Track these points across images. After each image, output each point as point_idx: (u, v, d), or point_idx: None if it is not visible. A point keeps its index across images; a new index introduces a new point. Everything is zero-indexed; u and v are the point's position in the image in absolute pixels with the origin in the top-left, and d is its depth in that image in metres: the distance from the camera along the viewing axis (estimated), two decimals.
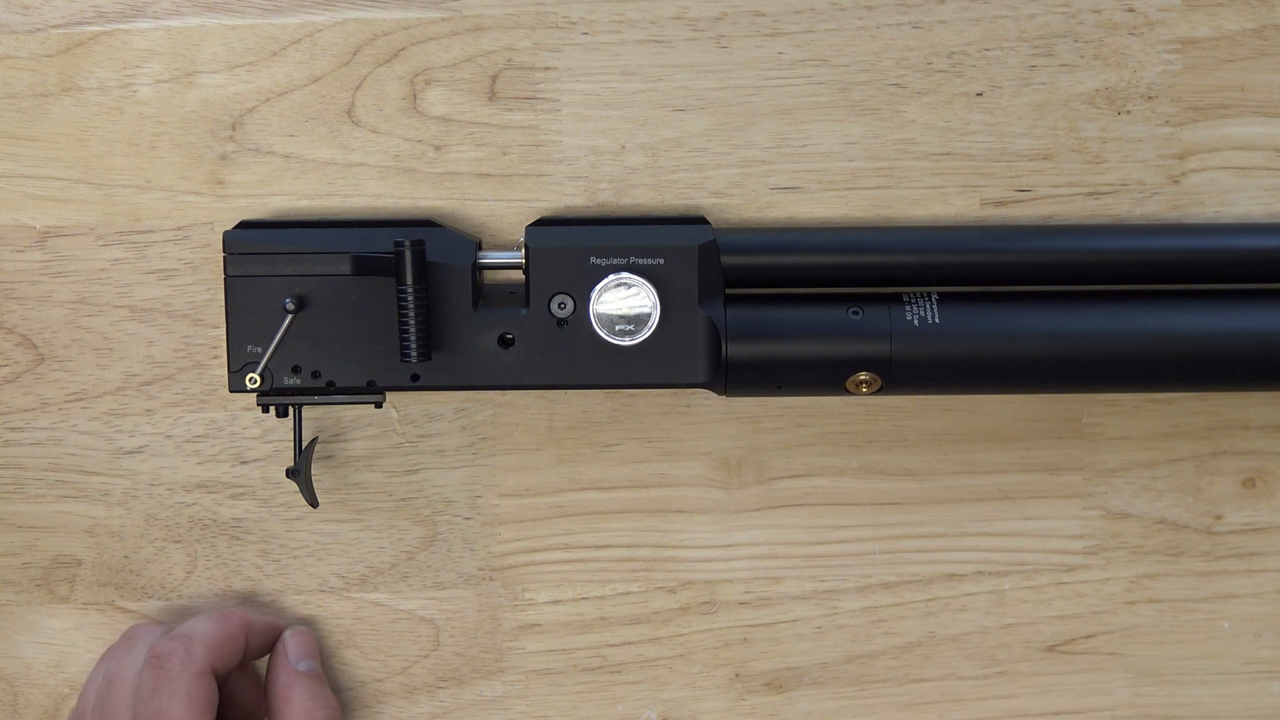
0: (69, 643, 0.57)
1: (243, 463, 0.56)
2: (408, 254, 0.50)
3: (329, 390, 0.53)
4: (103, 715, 0.51)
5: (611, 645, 0.57)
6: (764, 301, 0.53)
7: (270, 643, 0.55)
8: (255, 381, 0.52)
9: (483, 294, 0.53)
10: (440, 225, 0.53)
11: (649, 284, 0.51)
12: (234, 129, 0.55)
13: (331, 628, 0.56)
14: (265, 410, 0.53)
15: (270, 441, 0.56)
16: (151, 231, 0.55)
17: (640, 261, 0.52)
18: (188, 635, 0.52)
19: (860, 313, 0.52)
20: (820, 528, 0.56)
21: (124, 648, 0.54)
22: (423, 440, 0.56)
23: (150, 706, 0.50)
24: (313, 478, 0.55)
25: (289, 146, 0.55)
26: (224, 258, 0.52)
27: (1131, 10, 0.55)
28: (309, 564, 0.56)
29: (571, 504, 0.56)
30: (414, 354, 0.51)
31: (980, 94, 0.55)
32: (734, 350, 0.52)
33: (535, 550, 0.56)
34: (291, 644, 0.55)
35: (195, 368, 0.56)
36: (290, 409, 0.53)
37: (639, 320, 0.51)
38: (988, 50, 0.55)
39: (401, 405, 0.56)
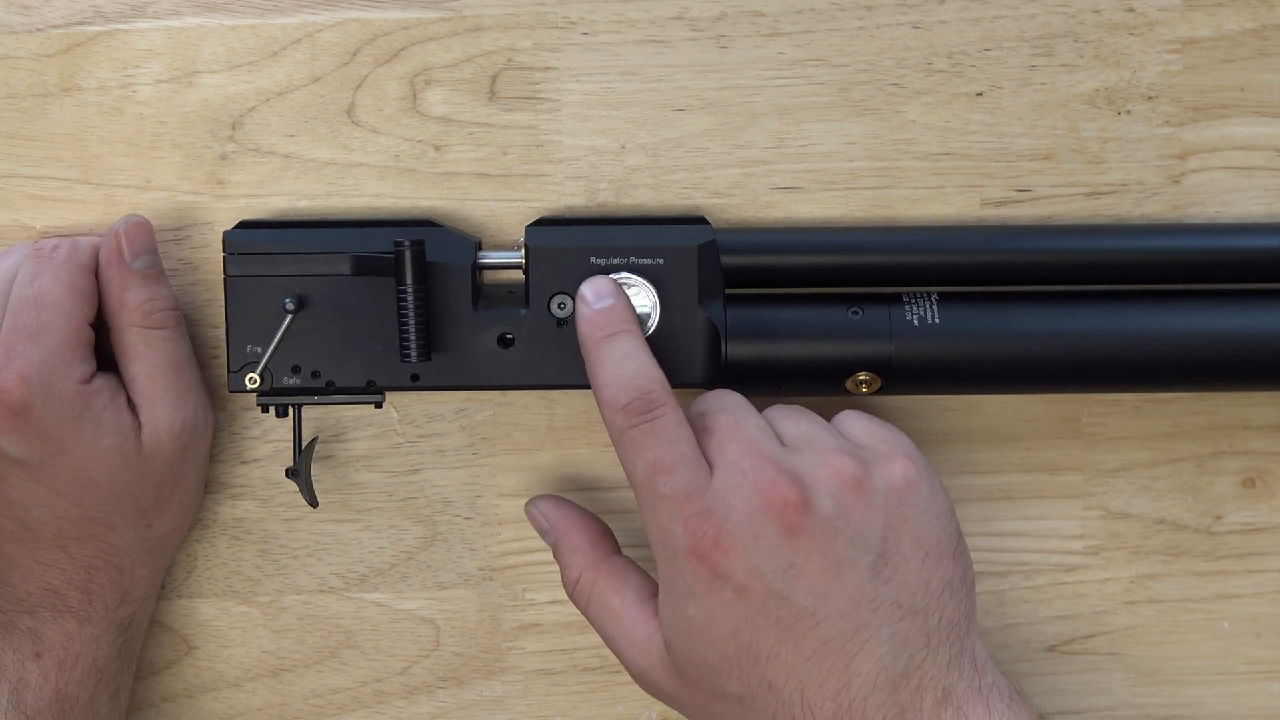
0: None
1: (243, 463, 0.56)
2: (407, 254, 0.50)
3: (329, 390, 0.53)
4: None
5: None
6: (764, 301, 0.53)
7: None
8: (255, 381, 0.52)
9: (482, 294, 0.53)
10: (440, 225, 0.53)
11: (649, 284, 0.51)
12: (234, 129, 0.55)
13: (331, 628, 0.56)
14: (265, 410, 0.53)
15: (270, 441, 0.56)
16: None
17: (640, 261, 0.52)
18: (73, 238, 0.51)
19: (860, 313, 0.52)
20: None
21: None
22: (423, 440, 0.56)
23: (30, 290, 0.49)
24: (313, 478, 0.55)
25: (289, 146, 0.55)
26: (224, 258, 0.52)
27: (1131, 10, 0.55)
28: (309, 564, 0.56)
29: None
30: (414, 354, 0.51)
31: (980, 94, 0.55)
32: (734, 350, 0.52)
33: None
34: (127, 240, 0.52)
35: None
36: (290, 409, 0.53)
37: (638, 320, 0.51)
38: (988, 50, 0.55)
39: (401, 405, 0.56)
